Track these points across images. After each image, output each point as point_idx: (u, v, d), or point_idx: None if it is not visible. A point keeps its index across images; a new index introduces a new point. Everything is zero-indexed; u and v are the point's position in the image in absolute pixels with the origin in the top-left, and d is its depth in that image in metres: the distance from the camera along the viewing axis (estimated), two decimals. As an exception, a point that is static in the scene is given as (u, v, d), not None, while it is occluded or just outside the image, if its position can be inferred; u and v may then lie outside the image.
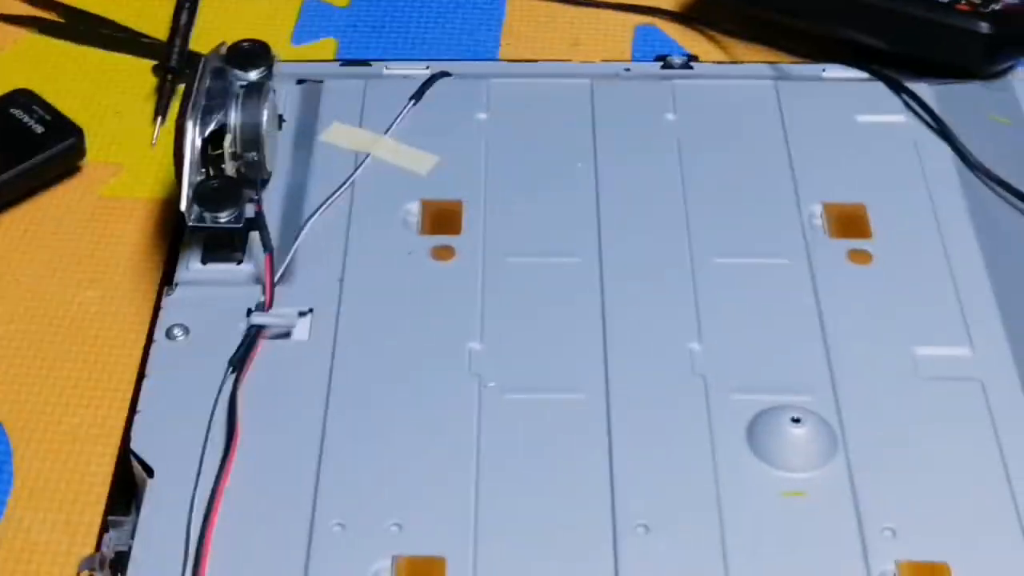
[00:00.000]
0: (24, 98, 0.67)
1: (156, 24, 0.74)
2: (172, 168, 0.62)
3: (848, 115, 0.65)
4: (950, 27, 0.66)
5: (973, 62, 0.67)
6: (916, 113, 0.65)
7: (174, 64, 0.71)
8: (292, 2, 0.75)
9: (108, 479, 0.55)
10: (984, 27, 0.65)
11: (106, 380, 0.58)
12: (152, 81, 0.71)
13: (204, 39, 0.72)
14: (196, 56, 0.70)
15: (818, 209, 0.61)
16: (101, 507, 0.54)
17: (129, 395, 0.57)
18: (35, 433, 0.56)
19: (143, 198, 0.66)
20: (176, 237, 0.62)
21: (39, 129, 0.66)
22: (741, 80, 0.67)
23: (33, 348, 0.59)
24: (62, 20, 0.75)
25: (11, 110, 0.66)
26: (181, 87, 0.68)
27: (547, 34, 0.73)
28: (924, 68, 0.67)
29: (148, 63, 0.72)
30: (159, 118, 0.69)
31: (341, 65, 0.70)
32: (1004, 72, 0.68)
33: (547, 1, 0.75)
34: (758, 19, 0.71)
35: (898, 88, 0.66)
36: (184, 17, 0.73)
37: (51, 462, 0.55)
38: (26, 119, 0.66)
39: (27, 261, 0.63)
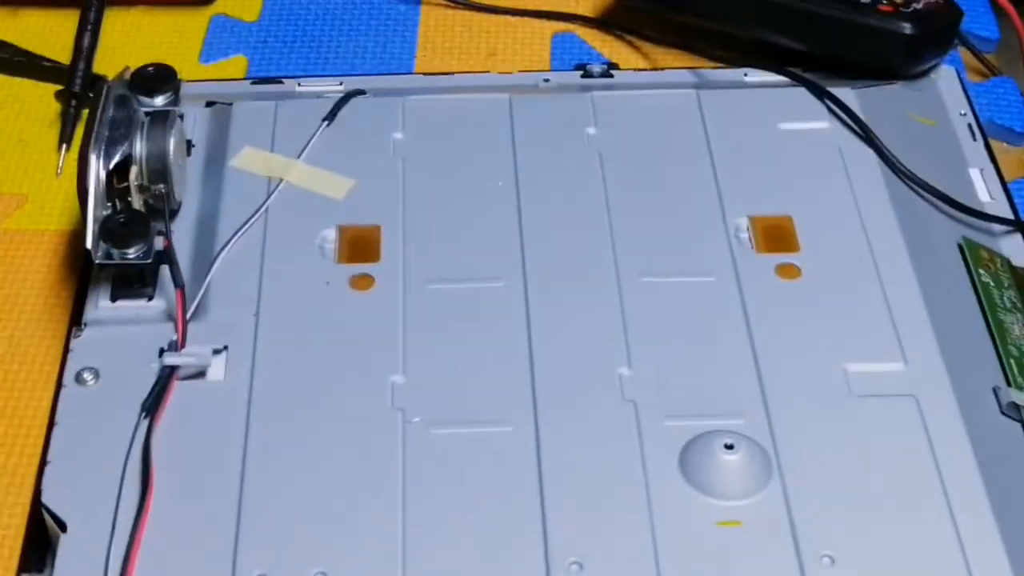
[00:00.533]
0: None
1: (58, 47, 0.71)
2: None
3: (771, 122, 0.63)
4: (873, 28, 0.65)
5: (897, 63, 0.66)
6: (839, 118, 0.64)
7: (78, 88, 0.68)
8: (199, 19, 0.73)
9: (21, 532, 0.52)
10: (907, 28, 0.64)
11: (15, 427, 0.55)
12: (55, 107, 0.69)
13: (108, 60, 0.70)
14: (101, 79, 0.67)
15: (744, 223, 0.59)
16: (15, 562, 0.52)
17: (40, 441, 0.54)
18: None
19: (49, 230, 0.63)
20: (84, 274, 0.59)
21: None
22: (662, 90, 0.66)
23: None
24: None
25: None
26: (86, 112, 0.65)
27: (463, 44, 0.72)
28: (846, 70, 0.66)
29: (50, 87, 0.69)
30: (64, 145, 0.66)
31: (252, 83, 0.68)
32: (926, 72, 0.67)
33: (462, 10, 0.73)
34: (677, 23, 0.70)
35: (820, 93, 0.64)
36: (87, 39, 0.70)
37: None
38: None
39: None
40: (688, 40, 0.70)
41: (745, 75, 0.67)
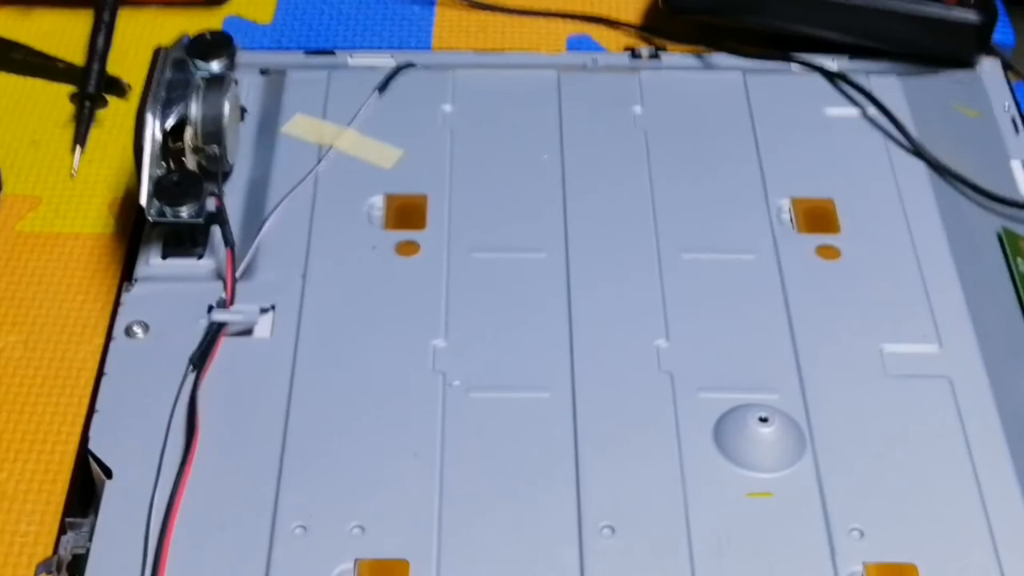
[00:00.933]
0: None
1: (71, 48, 0.70)
2: (93, 199, 0.62)
3: (817, 108, 0.64)
4: (942, 20, 0.65)
5: (966, 52, 0.67)
6: (879, 109, 0.64)
7: (92, 90, 0.67)
8: (213, 20, 0.72)
9: (67, 478, 0.53)
10: (975, 17, 0.65)
11: (32, 433, 0.54)
12: (69, 108, 0.67)
13: (122, 62, 0.69)
14: (115, 80, 0.68)
15: (786, 204, 0.60)
16: (60, 508, 0.53)
17: (57, 448, 0.54)
18: None
19: (64, 232, 0.62)
20: (136, 231, 0.61)
21: None
22: (708, 72, 0.66)
23: None
24: None
25: None
26: (100, 113, 0.66)
27: (478, 45, 0.71)
28: (893, 57, 0.67)
29: (64, 89, 0.68)
30: (78, 147, 0.65)
31: (306, 55, 0.69)
32: (972, 63, 0.68)
33: (477, 11, 0.72)
34: (716, 26, 0.69)
35: (860, 89, 0.65)
36: (101, 40, 0.69)
37: None
38: None
39: None
40: (712, 41, 0.69)
41: (790, 67, 0.67)
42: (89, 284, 0.60)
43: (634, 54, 0.68)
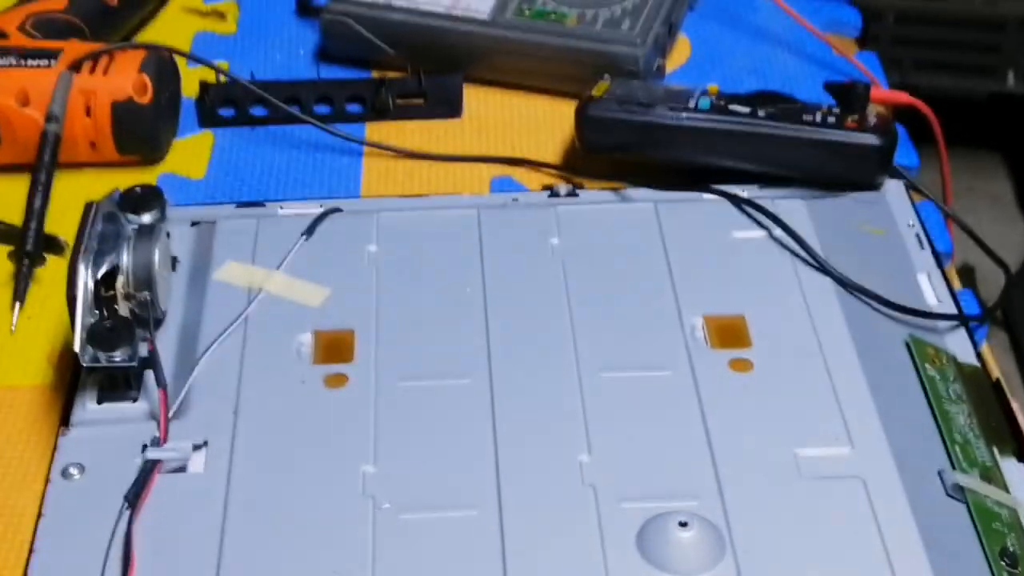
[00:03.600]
0: None
1: (9, 210, 0.72)
2: (32, 353, 0.63)
3: (725, 232, 0.67)
4: (845, 145, 0.69)
5: (869, 173, 0.70)
6: (783, 229, 0.67)
7: (30, 248, 0.69)
8: (148, 178, 0.73)
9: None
10: (876, 140, 0.68)
11: None
12: (8, 267, 0.69)
13: (60, 221, 0.70)
14: (52, 239, 0.70)
15: (699, 322, 0.63)
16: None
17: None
18: None
19: (3, 385, 0.63)
20: (74, 380, 0.62)
21: None
22: (622, 204, 0.69)
23: None
24: None
25: None
26: (38, 270, 0.68)
27: (405, 191, 0.73)
28: (802, 183, 0.70)
29: (2, 249, 0.70)
30: (17, 304, 0.66)
31: (236, 206, 0.71)
32: (876, 185, 0.71)
33: (403, 159, 0.75)
34: (629, 162, 0.72)
35: (765, 212, 0.68)
36: (38, 200, 0.70)
37: None
38: None
39: None
40: (629, 176, 0.72)
41: (700, 196, 0.70)
42: (29, 433, 0.61)
43: (552, 192, 0.71)
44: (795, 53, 0.83)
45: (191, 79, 0.79)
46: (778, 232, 0.67)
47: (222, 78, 0.78)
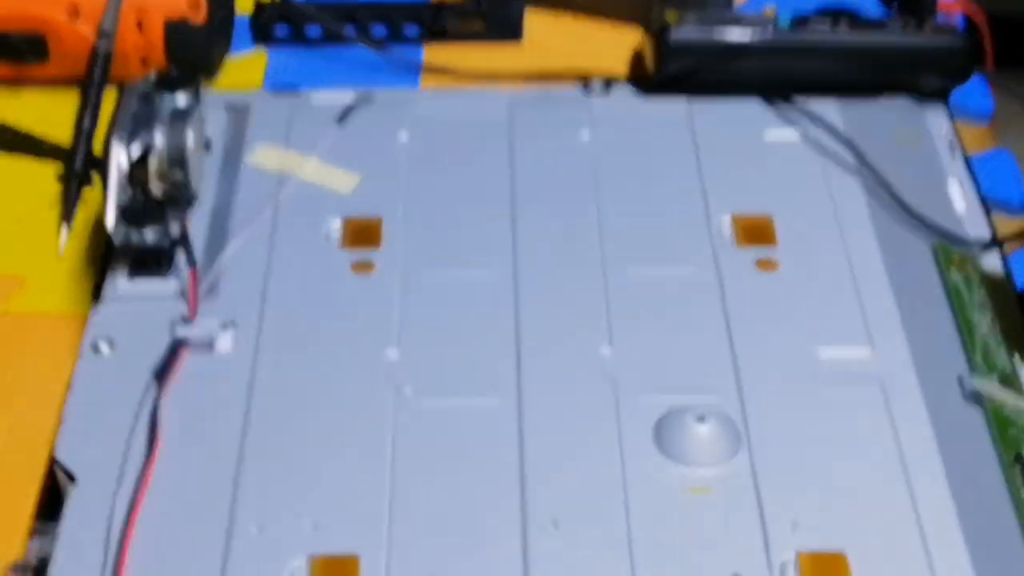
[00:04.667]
0: None
1: (59, 128, 0.71)
2: (82, 279, 0.63)
3: (757, 132, 0.67)
4: (931, 48, 0.68)
5: (956, 75, 0.69)
6: (822, 128, 0.67)
7: (79, 169, 0.68)
8: None
9: (38, 486, 0.55)
10: (961, 41, 0.68)
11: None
12: (56, 187, 0.68)
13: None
14: (100, 160, 0.67)
15: (727, 220, 0.63)
16: (31, 512, 0.54)
17: (30, 459, 0.56)
18: None
19: (51, 313, 0.62)
20: (104, 257, 0.63)
21: None
22: (655, 101, 0.69)
23: None
24: None
25: None
26: (88, 191, 0.67)
27: None
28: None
29: (51, 168, 0.69)
30: (65, 226, 0.66)
31: (270, 93, 0.72)
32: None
33: (459, 82, 0.72)
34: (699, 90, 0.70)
35: (802, 110, 0.68)
36: (87, 120, 0.70)
37: None
38: None
39: None
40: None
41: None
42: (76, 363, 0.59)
43: (586, 86, 0.71)
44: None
45: (244, -5, 0.77)
46: (811, 134, 0.67)
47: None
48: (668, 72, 0.69)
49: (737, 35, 0.69)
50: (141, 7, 0.71)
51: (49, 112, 0.72)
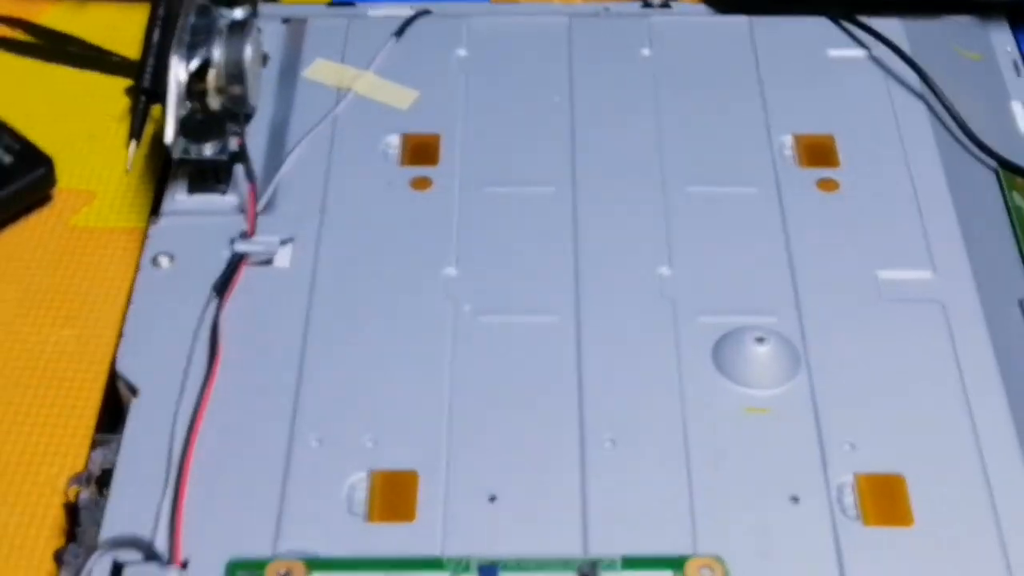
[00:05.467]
0: None
1: (127, 42, 0.71)
2: (149, 194, 0.63)
3: (820, 50, 0.66)
4: None
5: None
6: (886, 47, 0.66)
7: (147, 84, 0.68)
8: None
9: (98, 398, 0.56)
10: None
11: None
12: (125, 102, 0.68)
13: None
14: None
15: (788, 140, 0.62)
16: (91, 425, 0.55)
17: (90, 372, 0.57)
18: (4, 486, 0.53)
19: (118, 227, 0.63)
20: (162, 172, 0.63)
21: (7, 159, 0.63)
22: (717, 18, 0.68)
23: (5, 391, 0.56)
24: (27, 38, 0.71)
25: None
26: (156, 108, 0.67)
27: None
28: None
29: (120, 82, 0.69)
30: (133, 141, 0.66)
31: (327, 6, 0.71)
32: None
33: None
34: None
35: (864, 27, 0.67)
36: (156, 34, 0.69)
37: (29, 517, 0.53)
38: None
39: None
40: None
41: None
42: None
43: (645, 3, 0.70)
44: None
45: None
46: (876, 51, 0.66)
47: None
48: None
49: None
50: None
51: (117, 26, 0.72)
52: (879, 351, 0.54)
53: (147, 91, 0.68)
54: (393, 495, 0.50)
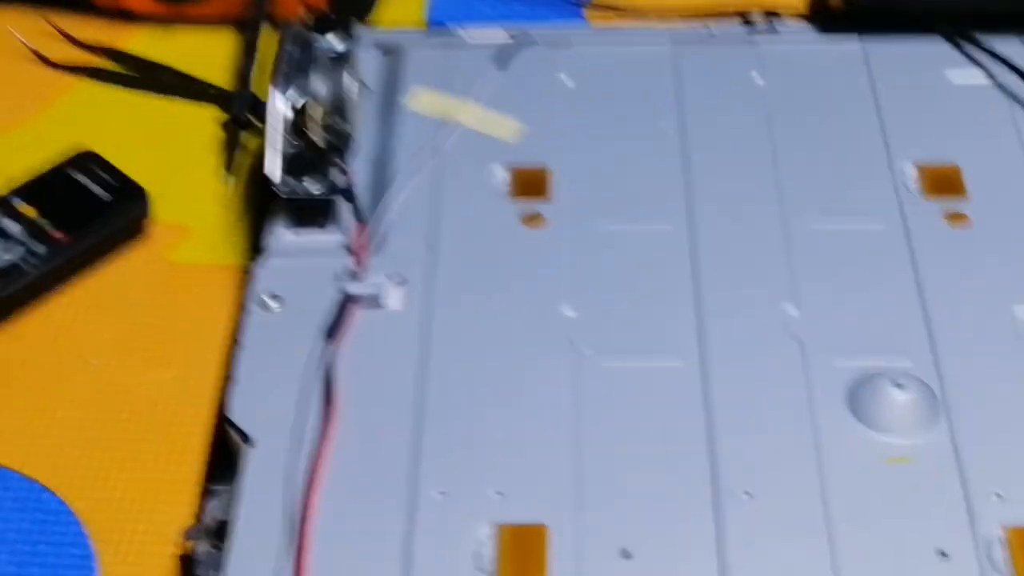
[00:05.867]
0: (86, 161, 0.63)
1: (214, 68, 0.70)
2: (246, 230, 0.62)
3: (938, 74, 0.64)
4: None
5: None
6: (1009, 70, 0.64)
7: (236, 113, 0.66)
8: None
9: (206, 448, 0.55)
10: None
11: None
12: (216, 131, 0.67)
13: (266, 82, 0.65)
14: (262, 104, 0.65)
15: (911, 170, 0.60)
16: (199, 476, 0.54)
17: (197, 419, 0.56)
18: (115, 535, 0.53)
19: (216, 264, 0.62)
20: (261, 204, 0.61)
21: (104, 195, 0.62)
22: (828, 43, 0.66)
23: (107, 435, 0.56)
24: (117, 67, 0.70)
25: (74, 175, 0.62)
26: (248, 137, 0.65)
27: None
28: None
29: (211, 111, 0.68)
30: (227, 173, 0.65)
31: (423, 33, 0.69)
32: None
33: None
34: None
35: (986, 50, 0.64)
36: (245, 63, 0.68)
37: (140, 568, 0.52)
38: (90, 184, 0.62)
39: (95, 338, 0.59)
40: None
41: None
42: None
43: (746, 20, 0.68)
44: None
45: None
46: (997, 75, 0.63)
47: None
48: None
49: None
50: None
51: (204, 53, 0.71)
52: (1021, 392, 0.52)
53: (238, 120, 0.66)
54: (522, 551, 0.48)
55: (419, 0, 0.72)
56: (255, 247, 0.60)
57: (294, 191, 0.58)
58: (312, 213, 0.59)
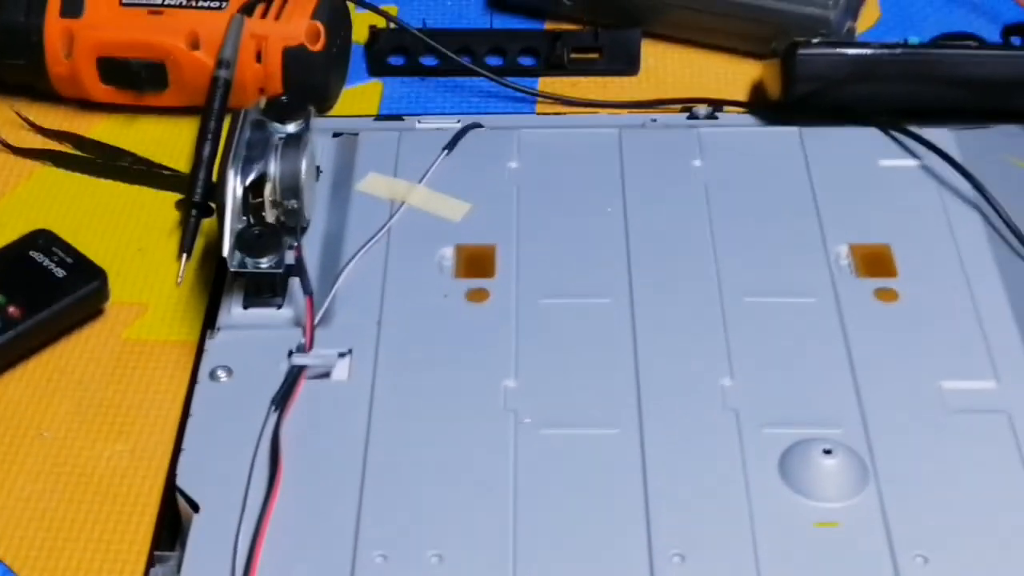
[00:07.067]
0: (44, 240, 0.64)
1: (176, 155, 0.72)
2: (200, 307, 0.63)
3: (871, 160, 0.66)
4: None
5: None
6: (938, 156, 0.66)
7: (198, 198, 0.67)
8: None
9: (154, 515, 0.56)
10: None
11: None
12: (175, 215, 0.68)
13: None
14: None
15: (844, 250, 0.62)
16: (148, 543, 0.55)
17: (144, 486, 0.57)
18: None
19: (170, 340, 0.63)
20: (218, 282, 0.63)
21: (61, 273, 0.63)
22: (766, 128, 0.69)
23: (61, 507, 0.56)
24: (78, 152, 0.72)
25: (31, 253, 0.63)
26: (206, 222, 0.66)
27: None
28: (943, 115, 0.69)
29: (170, 196, 0.69)
30: (184, 255, 0.65)
31: (376, 119, 0.72)
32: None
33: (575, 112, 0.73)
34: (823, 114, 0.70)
35: (917, 138, 0.67)
36: (207, 149, 0.69)
37: None
38: (47, 262, 0.63)
39: (52, 413, 0.60)
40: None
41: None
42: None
43: (691, 114, 0.71)
44: (990, 18, 0.78)
45: (359, 24, 0.76)
46: (927, 161, 0.66)
47: (391, 24, 0.75)
48: (795, 91, 0.68)
49: (872, 49, 0.68)
50: (260, 35, 0.70)
51: (166, 140, 0.72)
52: (947, 462, 0.54)
53: (197, 204, 0.68)
54: (461, 613, 0.49)
55: (376, 97, 0.75)
56: (209, 323, 0.62)
57: (243, 266, 0.59)
58: (263, 289, 0.61)
